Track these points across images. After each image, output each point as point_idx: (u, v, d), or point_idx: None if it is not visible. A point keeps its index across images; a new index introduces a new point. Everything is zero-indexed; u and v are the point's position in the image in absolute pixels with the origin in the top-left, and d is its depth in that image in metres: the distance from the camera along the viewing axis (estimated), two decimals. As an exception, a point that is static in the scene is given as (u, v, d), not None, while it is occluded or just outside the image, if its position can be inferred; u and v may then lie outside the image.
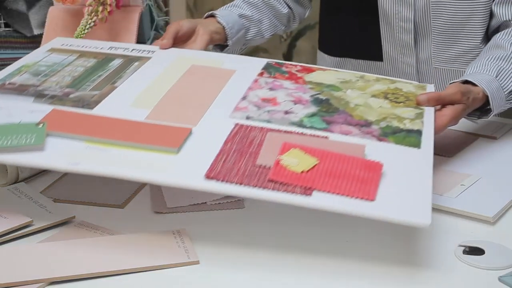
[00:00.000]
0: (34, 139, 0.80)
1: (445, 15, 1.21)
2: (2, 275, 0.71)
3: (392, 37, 1.28)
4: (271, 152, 0.81)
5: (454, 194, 0.92)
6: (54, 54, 1.10)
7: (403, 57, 1.30)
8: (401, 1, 1.23)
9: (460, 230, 0.85)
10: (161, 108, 0.91)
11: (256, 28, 1.32)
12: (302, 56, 2.77)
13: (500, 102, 1.05)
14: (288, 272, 0.75)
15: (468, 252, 0.79)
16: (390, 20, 1.26)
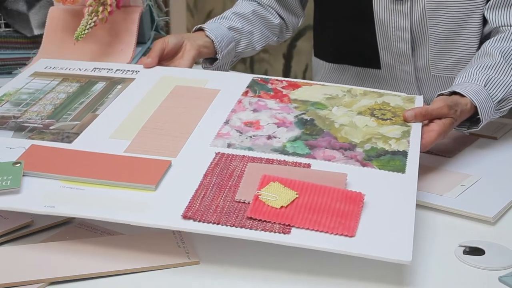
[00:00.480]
0: (10, 181, 0.79)
1: (441, 24, 1.19)
2: (3, 275, 0.72)
3: (389, 45, 1.26)
4: (250, 186, 0.80)
5: (454, 194, 0.91)
6: (36, 79, 1.09)
7: (401, 65, 1.28)
8: (396, 11, 1.21)
9: (460, 230, 0.85)
10: (141, 139, 0.90)
11: (246, 40, 1.30)
12: (302, 56, 2.75)
13: (489, 111, 1.03)
14: (288, 272, 0.74)
15: (468, 252, 0.79)
16: (386, 30, 1.24)
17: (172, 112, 0.97)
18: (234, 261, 0.77)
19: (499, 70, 1.06)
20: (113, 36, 1.30)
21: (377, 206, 0.78)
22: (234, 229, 0.74)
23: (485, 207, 0.88)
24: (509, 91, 1.05)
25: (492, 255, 0.78)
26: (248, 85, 1.05)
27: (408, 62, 1.26)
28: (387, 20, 1.23)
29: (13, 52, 1.41)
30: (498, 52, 1.08)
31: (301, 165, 0.85)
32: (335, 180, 0.81)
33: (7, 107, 1.00)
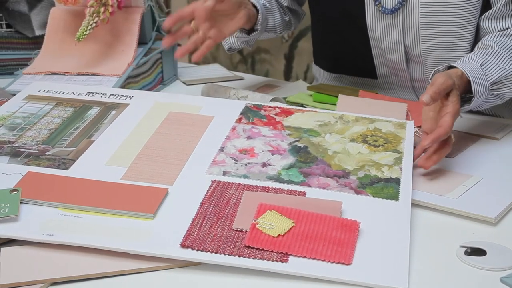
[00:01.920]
0: (8, 209, 0.80)
1: (434, 37, 1.21)
2: (5, 276, 0.72)
3: (384, 58, 1.28)
4: (247, 214, 0.81)
5: (455, 195, 0.92)
6: (30, 102, 1.09)
7: (397, 76, 1.30)
8: (389, 24, 1.23)
9: (461, 231, 0.85)
10: (137, 166, 0.91)
11: (272, 21, 1.33)
12: (304, 56, 2.75)
13: (483, 90, 1.03)
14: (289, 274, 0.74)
15: (470, 253, 0.79)
16: (379, 42, 1.26)
17: (167, 138, 0.98)
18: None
19: (496, 56, 1.07)
20: (115, 36, 1.32)
21: (372, 233, 0.80)
22: (232, 258, 0.74)
23: (486, 208, 0.88)
24: (505, 75, 1.06)
25: (493, 256, 0.78)
26: (242, 112, 1.07)
27: (403, 73, 1.29)
28: (380, 33, 1.25)
29: (15, 53, 1.43)
30: (496, 44, 1.10)
31: (297, 193, 0.87)
32: (330, 208, 0.82)
33: (2, 131, 1.00)
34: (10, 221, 0.79)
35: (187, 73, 1.50)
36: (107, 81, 1.23)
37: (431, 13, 1.18)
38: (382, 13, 1.22)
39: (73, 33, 1.29)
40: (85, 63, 1.29)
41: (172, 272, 0.75)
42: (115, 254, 0.75)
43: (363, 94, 1.24)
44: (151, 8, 1.39)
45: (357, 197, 0.87)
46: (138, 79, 1.30)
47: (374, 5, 1.22)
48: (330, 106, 1.22)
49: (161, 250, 0.75)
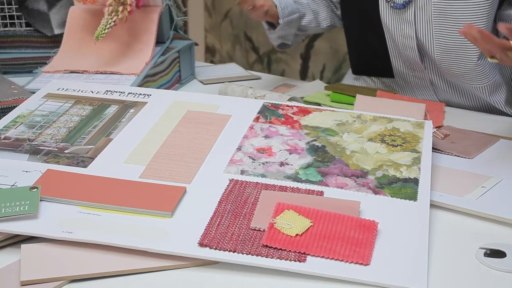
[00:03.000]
0: (28, 207, 0.80)
1: (447, 32, 1.20)
2: (25, 272, 0.72)
3: (400, 54, 1.28)
4: (265, 214, 0.81)
5: (475, 196, 0.91)
6: (49, 101, 1.10)
7: (414, 72, 1.30)
8: (401, 19, 1.23)
9: (481, 232, 0.85)
10: (156, 165, 0.91)
11: (311, 15, 1.36)
12: (320, 56, 2.75)
13: None
14: (306, 273, 0.74)
15: (489, 255, 0.79)
16: (394, 38, 1.26)
17: (185, 137, 0.98)
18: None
19: None
20: (133, 35, 1.33)
21: (391, 234, 0.79)
22: (250, 257, 0.74)
23: (506, 209, 0.87)
24: None
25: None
26: (259, 111, 1.07)
27: (419, 69, 1.28)
28: (394, 28, 1.25)
29: (34, 51, 1.45)
30: None
31: (314, 193, 0.86)
32: (348, 208, 0.82)
33: (21, 129, 1.01)
34: (29, 218, 0.80)
35: (204, 72, 1.50)
36: (125, 79, 1.23)
37: (444, 7, 1.18)
38: (393, 8, 1.22)
39: (91, 32, 1.30)
40: (103, 62, 1.30)
41: (190, 271, 0.75)
42: (133, 252, 0.76)
43: (381, 94, 1.24)
44: (169, 7, 1.39)
45: (375, 197, 0.86)
46: (156, 78, 1.30)
47: (386, 1, 1.23)
48: (348, 106, 1.22)
49: (179, 248, 0.75)
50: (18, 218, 0.79)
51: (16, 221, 0.79)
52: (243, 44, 3.00)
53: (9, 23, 1.46)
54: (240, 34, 2.99)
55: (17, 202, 0.81)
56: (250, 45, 2.98)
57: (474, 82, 1.24)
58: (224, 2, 2.97)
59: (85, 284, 0.73)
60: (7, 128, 1.01)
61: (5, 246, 0.78)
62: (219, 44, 3.07)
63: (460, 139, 1.08)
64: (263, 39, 2.91)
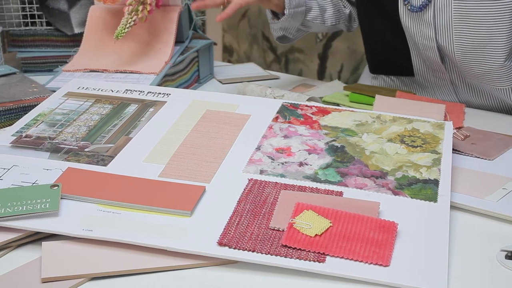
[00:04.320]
0: (49, 204, 0.81)
1: (468, 32, 1.19)
2: (46, 270, 0.73)
3: (420, 54, 1.28)
4: (284, 214, 0.81)
5: (495, 198, 0.90)
6: (70, 99, 1.11)
7: (435, 72, 1.30)
8: (420, 21, 1.22)
9: (502, 234, 0.84)
10: (175, 164, 0.92)
11: (317, 11, 1.35)
12: (338, 56, 2.75)
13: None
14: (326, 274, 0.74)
15: (511, 257, 0.78)
16: (414, 39, 1.26)
17: (204, 136, 0.99)
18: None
19: None
20: (152, 35, 1.34)
21: (411, 235, 0.79)
22: (269, 257, 0.74)
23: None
24: None
25: (535, 260, 0.77)
26: (278, 111, 1.07)
27: (440, 69, 1.28)
28: (413, 30, 1.24)
29: (54, 50, 1.46)
30: None
31: (334, 193, 0.86)
32: (368, 208, 0.82)
33: (42, 127, 1.02)
34: (50, 216, 0.80)
35: (222, 72, 1.51)
36: (145, 79, 1.24)
37: (464, 8, 1.17)
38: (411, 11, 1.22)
39: (111, 31, 1.30)
40: (123, 61, 1.30)
41: (209, 270, 0.75)
42: (152, 250, 0.76)
43: (400, 94, 1.23)
44: (188, 7, 1.39)
45: (395, 198, 0.86)
46: (175, 77, 1.31)
47: (403, 4, 1.22)
48: (366, 106, 1.21)
49: (198, 247, 0.76)
50: (39, 215, 0.80)
51: (37, 218, 0.80)
52: (261, 44, 3.00)
53: (30, 22, 1.47)
54: (257, 33, 2.99)
55: (38, 200, 0.82)
56: (267, 45, 2.98)
57: (497, 83, 1.23)
58: (242, 2, 2.97)
59: (105, 282, 0.73)
60: (28, 126, 1.02)
61: (26, 243, 0.79)
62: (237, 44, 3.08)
63: (480, 140, 1.08)
64: (281, 39, 2.91)
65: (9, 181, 0.87)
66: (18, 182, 0.87)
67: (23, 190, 0.84)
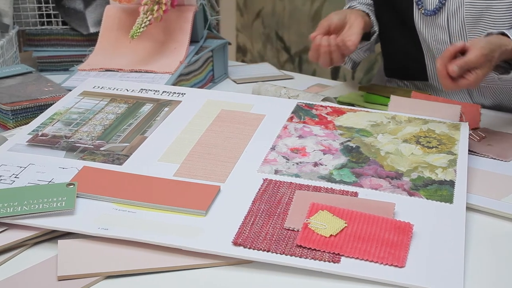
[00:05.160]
0: (65, 203, 0.81)
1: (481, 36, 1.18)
2: (62, 268, 0.73)
3: (434, 59, 1.27)
4: (299, 214, 0.80)
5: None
6: (85, 98, 1.11)
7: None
8: (434, 25, 1.22)
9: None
10: (190, 163, 0.92)
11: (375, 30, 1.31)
12: None
13: None
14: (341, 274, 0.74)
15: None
16: (428, 43, 1.25)
17: (219, 136, 0.99)
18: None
19: None
20: (167, 34, 1.34)
21: (426, 237, 0.78)
22: (284, 257, 0.74)
23: None
24: None
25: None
26: (293, 111, 1.07)
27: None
28: (427, 34, 1.24)
29: (70, 50, 1.47)
30: None
31: (348, 193, 0.86)
32: (383, 209, 0.82)
33: (58, 126, 1.02)
34: (66, 214, 0.81)
35: (237, 71, 1.51)
36: (160, 78, 1.24)
37: (476, 11, 1.16)
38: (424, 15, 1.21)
39: (127, 31, 1.31)
40: (138, 61, 1.31)
41: (224, 270, 0.75)
42: (167, 249, 0.76)
43: (415, 95, 1.22)
44: (203, 7, 1.40)
45: (410, 199, 0.86)
46: (190, 77, 1.31)
47: (417, 8, 1.22)
48: (381, 107, 1.21)
49: (213, 247, 0.76)
50: (55, 214, 0.80)
51: (53, 217, 0.80)
52: (275, 44, 3.00)
53: (46, 22, 1.48)
54: (271, 33, 2.99)
55: (54, 198, 0.82)
56: (281, 45, 2.98)
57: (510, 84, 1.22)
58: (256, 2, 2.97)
59: (120, 280, 0.73)
60: (44, 125, 1.03)
61: (42, 241, 0.80)
62: (251, 44, 3.08)
63: (496, 141, 1.07)
64: (294, 38, 2.91)
65: (25, 179, 0.88)
66: (35, 180, 0.88)
67: (39, 188, 0.85)
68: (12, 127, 1.06)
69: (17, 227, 0.79)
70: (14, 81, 1.17)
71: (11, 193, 0.83)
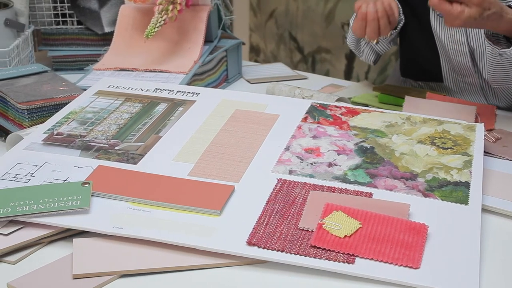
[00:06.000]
0: (80, 201, 0.82)
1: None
2: (77, 266, 0.74)
3: (450, 60, 1.26)
4: (313, 214, 0.80)
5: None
6: (100, 98, 1.12)
7: (464, 77, 1.28)
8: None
9: None
10: (204, 163, 0.92)
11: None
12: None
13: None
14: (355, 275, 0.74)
15: None
16: (444, 44, 1.25)
17: (233, 136, 0.99)
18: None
19: None
20: (182, 34, 1.34)
21: (441, 238, 0.78)
22: (298, 257, 0.74)
23: None
24: None
25: None
26: (307, 111, 1.06)
27: (471, 74, 1.26)
28: (444, 35, 1.23)
29: (85, 49, 1.48)
30: None
31: (363, 194, 0.86)
32: (397, 210, 0.81)
33: (73, 125, 1.03)
34: (81, 213, 0.81)
35: (250, 71, 1.51)
36: (174, 78, 1.25)
37: None
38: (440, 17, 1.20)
39: (141, 31, 1.31)
40: (152, 60, 1.31)
41: (238, 269, 0.75)
42: (182, 249, 0.77)
43: (430, 96, 1.22)
44: (217, 7, 1.40)
45: (425, 200, 0.85)
46: (204, 77, 1.31)
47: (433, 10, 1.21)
48: (396, 107, 1.20)
49: (228, 247, 0.76)
50: (70, 212, 0.81)
51: (69, 215, 0.81)
52: (288, 44, 3.00)
53: (61, 21, 1.49)
54: (285, 33, 2.98)
55: (70, 197, 0.82)
56: (294, 45, 2.98)
57: None
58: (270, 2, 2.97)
59: (135, 279, 0.74)
60: (60, 124, 1.03)
61: (57, 239, 0.80)
62: (264, 44, 3.08)
63: (510, 142, 1.06)
64: (308, 38, 2.90)
65: (41, 178, 0.89)
66: (50, 179, 0.88)
67: (55, 187, 0.85)
68: (27, 126, 1.07)
69: (33, 225, 0.80)
70: (29, 80, 1.18)
71: (27, 191, 0.84)
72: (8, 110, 1.11)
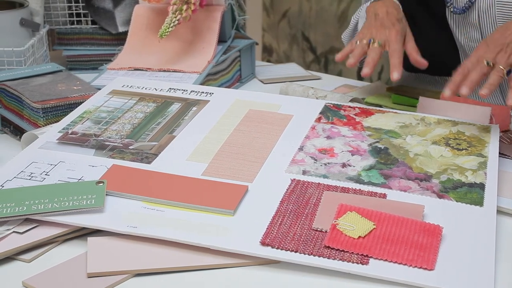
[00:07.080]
0: (94, 200, 0.82)
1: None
2: (92, 265, 0.74)
3: (467, 56, 1.26)
4: (327, 215, 0.80)
5: None
6: (114, 97, 1.12)
7: None
8: (466, 23, 1.21)
9: None
10: (218, 162, 0.92)
11: None
12: None
13: None
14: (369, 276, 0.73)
15: None
16: (460, 40, 1.24)
17: (246, 136, 0.99)
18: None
19: None
20: (196, 34, 1.35)
21: (456, 239, 0.78)
22: (312, 257, 0.74)
23: None
24: None
25: None
26: (321, 111, 1.06)
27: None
28: (459, 31, 1.23)
29: (99, 49, 1.48)
30: None
31: (377, 195, 0.86)
32: (412, 211, 0.81)
33: (88, 124, 1.03)
34: (96, 212, 0.81)
35: (264, 71, 1.51)
36: (188, 77, 1.25)
37: (508, 9, 1.15)
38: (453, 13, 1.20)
39: (155, 30, 1.32)
40: (166, 60, 1.32)
41: (251, 269, 0.75)
42: (195, 248, 0.77)
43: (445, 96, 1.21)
44: (231, 7, 1.40)
45: (440, 201, 0.85)
46: (217, 77, 1.32)
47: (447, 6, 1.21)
48: (409, 108, 1.20)
49: (241, 247, 0.76)
50: (85, 211, 0.81)
51: (83, 214, 0.81)
52: (301, 44, 2.99)
53: (76, 21, 1.50)
54: (297, 34, 2.98)
55: (84, 196, 0.83)
56: (307, 45, 2.97)
57: None
58: (283, 2, 2.97)
59: (149, 278, 0.74)
60: (74, 123, 1.04)
61: (72, 238, 0.81)
62: (277, 44, 3.08)
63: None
64: (320, 39, 2.90)
65: (55, 177, 0.89)
66: (65, 178, 0.89)
67: (69, 186, 0.86)
68: (42, 125, 1.07)
69: (48, 224, 0.80)
70: (44, 80, 1.19)
71: (42, 190, 0.85)
72: (23, 109, 1.11)
